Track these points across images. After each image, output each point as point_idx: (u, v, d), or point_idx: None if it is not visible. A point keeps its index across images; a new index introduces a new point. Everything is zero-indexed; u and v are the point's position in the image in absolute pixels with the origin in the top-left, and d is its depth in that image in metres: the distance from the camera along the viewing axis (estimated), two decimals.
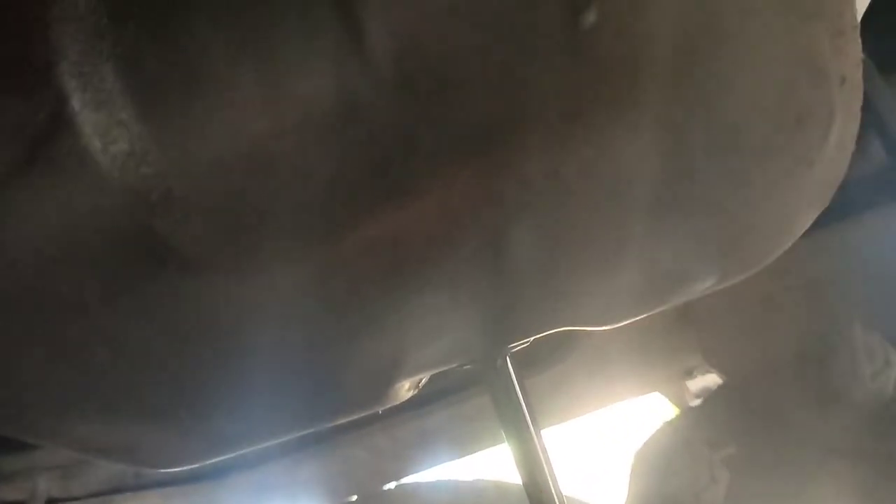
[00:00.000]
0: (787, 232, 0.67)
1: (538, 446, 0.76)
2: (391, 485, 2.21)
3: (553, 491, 0.75)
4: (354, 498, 2.30)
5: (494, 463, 1.99)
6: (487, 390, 0.76)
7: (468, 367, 0.77)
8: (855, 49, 0.58)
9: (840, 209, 1.17)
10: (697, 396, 1.56)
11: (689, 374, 1.49)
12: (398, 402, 0.78)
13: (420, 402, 1.42)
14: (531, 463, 0.75)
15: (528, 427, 0.76)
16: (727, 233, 0.65)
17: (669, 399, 2.12)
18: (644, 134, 0.55)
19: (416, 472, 1.86)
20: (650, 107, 0.54)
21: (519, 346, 0.75)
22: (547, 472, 0.76)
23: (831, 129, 0.59)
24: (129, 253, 0.56)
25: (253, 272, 0.57)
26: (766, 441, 1.12)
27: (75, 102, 0.51)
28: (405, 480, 2.13)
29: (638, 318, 0.73)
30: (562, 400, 1.56)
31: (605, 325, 0.73)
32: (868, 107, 1.16)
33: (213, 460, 0.81)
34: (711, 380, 1.37)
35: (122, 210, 0.54)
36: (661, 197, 0.60)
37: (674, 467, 1.12)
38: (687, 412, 1.21)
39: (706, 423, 1.17)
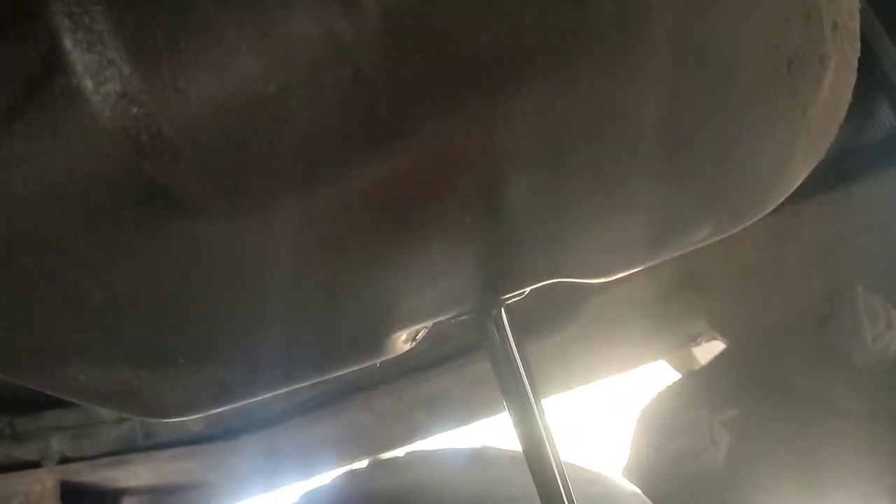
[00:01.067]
0: (782, 179, 0.66)
1: (534, 399, 0.76)
2: (400, 451, 2.24)
3: (547, 444, 0.75)
4: (364, 462, 2.32)
5: (504, 431, 2.00)
6: (482, 342, 0.76)
7: (464, 317, 0.77)
8: None
9: (848, 173, 1.17)
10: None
11: (694, 339, 1.49)
12: (395, 354, 0.78)
13: (426, 366, 1.43)
14: (527, 420, 0.75)
15: (523, 379, 0.76)
16: (723, 177, 0.65)
17: (675, 367, 2.12)
18: (638, 71, 0.55)
19: (424, 437, 1.88)
20: (643, 43, 0.53)
21: (514, 297, 0.76)
22: (542, 426, 0.76)
23: (824, 74, 0.59)
24: (121, 194, 0.57)
25: (244, 215, 0.58)
26: (767, 404, 1.12)
27: (67, 42, 0.52)
28: (414, 447, 2.16)
29: (636, 270, 0.73)
30: (565, 368, 1.57)
31: (602, 276, 0.73)
32: (878, 71, 1.16)
33: (214, 410, 0.82)
34: (717, 347, 1.37)
35: (113, 151, 0.54)
36: (657, 139, 0.60)
37: (674, 429, 1.13)
38: (689, 375, 1.21)
39: (708, 387, 1.18)
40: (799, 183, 0.68)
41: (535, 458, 0.78)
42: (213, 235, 0.60)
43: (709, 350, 1.41)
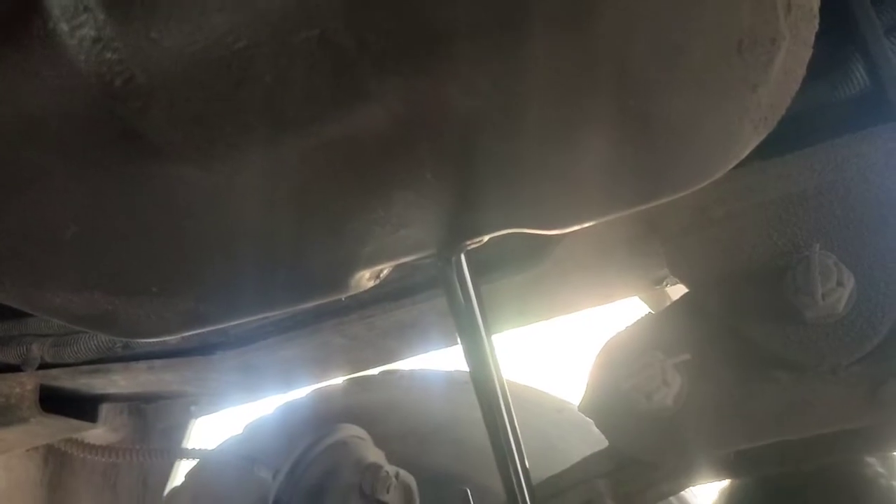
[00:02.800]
0: (729, 151, 0.69)
1: (486, 338, 0.81)
2: (375, 370, 2.30)
3: (495, 377, 0.80)
4: (341, 380, 2.39)
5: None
6: (441, 284, 0.80)
7: (426, 260, 0.81)
8: None
9: (819, 131, 1.19)
10: None
11: (659, 282, 1.53)
12: (359, 291, 0.82)
13: (397, 294, 1.47)
14: (477, 354, 0.80)
15: (477, 319, 0.80)
16: (671, 146, 0.67)
17: (649, 305, 2.17)
18: (590, 45, 0.57)
19: (392, 361, 1.93)
20: (595, 19, 0.56)
21: (473, 244, 0.79)
22: (491, 361, 0.81)
23: (776, 55, 0.61)
24: (95, 135, 0.60)
25: (212, 161, 0.61)
26: (719, 350, 1.17)
27: None
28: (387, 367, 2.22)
29: (588, 224, 0.76)
30: (537, 301, 1.62)
31: (556, 229, 0.76)
32: (854, 30, 1.17)
33: (187, 334, 0.86)
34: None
35: (87, 94, 0.57)
36: (607, 109, 0.63)
37: (629, 368, 1.17)
38: (648, 317, 1.25)
39: (665, 330, 1.21)
40: (747, 153, 0.71)
41: (482, 386, 0.83)
42: (183, 178, 0.63)
43: (681, 290, 1.45)
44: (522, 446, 0.87)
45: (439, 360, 2.25)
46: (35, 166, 0.62)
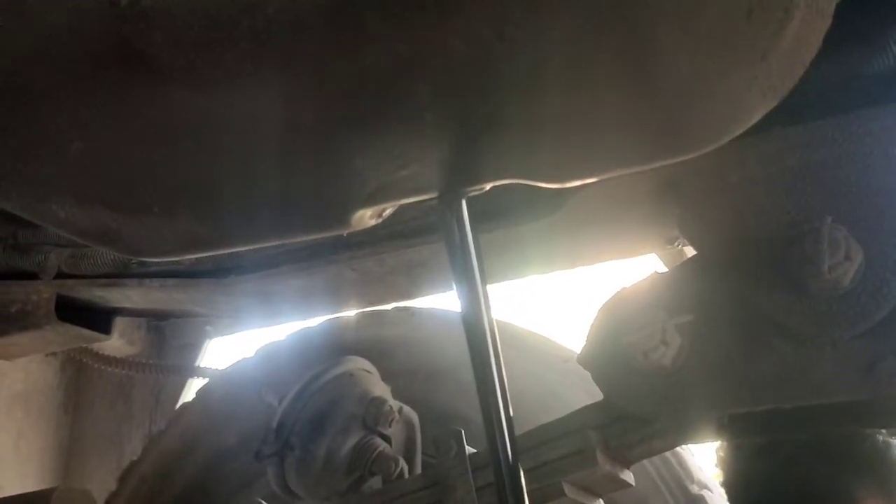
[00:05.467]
0: (737, 117, 0.68)
1: (480, 287, 0.81)
2: (388, 306, 2.32)
3: (487, 326, 0.81)
4: (353, 314, 2.42)
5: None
6: (440, 228, 0.80)
7: (427, 203, 0.81)
8: None
9: (847, 101, 1.16)
10: None
11: (671, 242, 1.52)
12: (360, 228, 0.82)
13: (410, 233, 1.48)
14: (471, 300, 0.81)
15: (472, 265, 0.80)
16: (680, 109, 0.67)
17: (664, 262, 2.16)
18: (597, 7, 0.57)
19: (403, 299, 1.95)
20: None
21: (474, 191, 0.79)
22: (484, 309, 0.81)
23: (788, 23, 0.60)
24: (102, 56, 0.61)
25: (213, 87, 0.62)
26: (722, 315, 1.16)
27: None
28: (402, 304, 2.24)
29: (588, 181, 0.76)
30: (553, 250, 1.62)
31: (557, 182, 0.76)
32: (891, 3, 1.13)
33: (188, 256, 0.87)
34: None
35: (95, 14, 0.58)
36: (617, 65, 0.62)
37: (629, 325, 1.18)
38: (654, 276, 1.25)
39: (669, 289, 1.21)
40: (757, 119, 0.70)
41: (473, 332, 0.84)
42: (183, 100, 0.64)
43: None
44: (508, 395, 0.88)
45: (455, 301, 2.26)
46: (43, 82, 0.63)
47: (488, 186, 0.79)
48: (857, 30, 1.14)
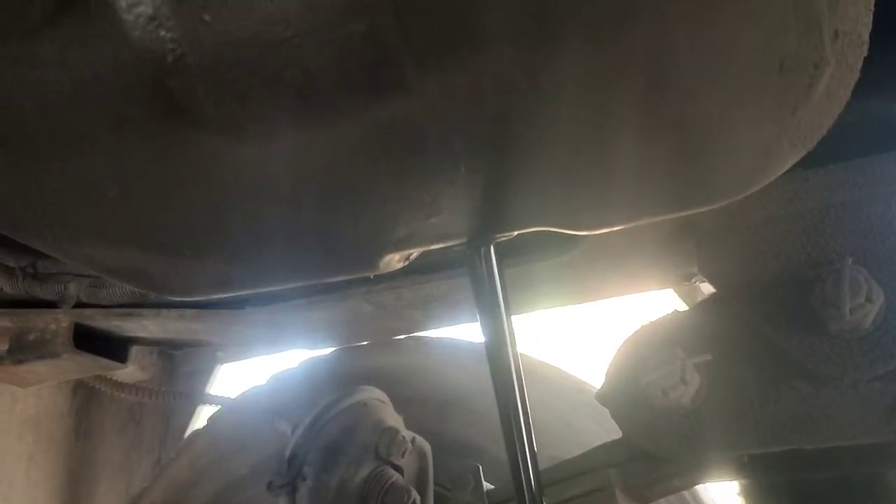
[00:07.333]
0: (766, 167, 0.69)
1: (508, 332, 0.82)
2: (400, 336, 2.32)
3: (514, 374, 0.81)
4: (365, 343, 2.42)
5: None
6: (469, 273, 0.81)
7: (456, 248, 0.82)
8: (855, 7, 0.59)
9: (868, 144, 1.17)
10: None
11: (689, 279, 1.53)
12: (387, 271, 0.83)
13: (429, 269, 1.49)
14: (498, 346, 0.81)
15: (501, 310, 0.81)
16: (706, 158, 0.67)
17: (681, 298, 2.16)
18: (631, 53, 0.57)
19: (415, 332, 1.95)
20: (637, 27, 0.56)
21: (503, 237, 0.80)
22: (511, 355, 0.82)
23: (818, 79, 0.61)
24: (144, 105, 0.62)
25: (251, 138, 0.63)
26: (741, 354, 1.16)
27: None
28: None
29: (616, 228, 0.77)
30: (566, 285, 1.62)
31: (585, 231, 0.77)
32: None
33: (217, 296, 0.88)
34: None
35: (139, 67, 0.59)
36: (646, 115, 0.63)
37: (649, 363, 1.18)
38: (674, 314, 1.25)
39: (689, 328, 1.21)
40: (785, 169, 0.71)
41: (499, 378, 0.85)
42: (221, 149, 0.65)
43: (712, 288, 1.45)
44: (533, 433, 0.89)
45: (467, 331, 2.26)
46: (82, 129, 0.64)
47: (516, 233, 0.79)
48: (877, 74, 1.15)
